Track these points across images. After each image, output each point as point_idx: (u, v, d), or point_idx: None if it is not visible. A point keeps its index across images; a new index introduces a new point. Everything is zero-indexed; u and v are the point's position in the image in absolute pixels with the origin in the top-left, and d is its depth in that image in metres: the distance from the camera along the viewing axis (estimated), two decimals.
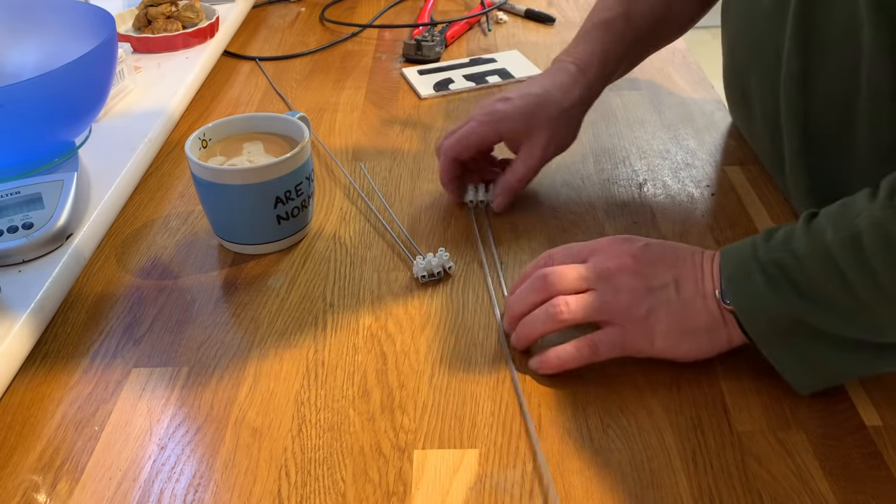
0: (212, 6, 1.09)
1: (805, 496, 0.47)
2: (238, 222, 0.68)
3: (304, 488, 0.49)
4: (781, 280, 0.50)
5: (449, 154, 0.72)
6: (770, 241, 0.52)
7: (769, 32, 0.66)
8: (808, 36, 0.60)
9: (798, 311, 0.50)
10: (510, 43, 1.09)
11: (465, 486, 0.49)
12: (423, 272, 0.65)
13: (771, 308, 0.51)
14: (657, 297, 0.54)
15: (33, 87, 0.66)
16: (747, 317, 0.52)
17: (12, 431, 0.54)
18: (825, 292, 0.49)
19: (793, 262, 0.50)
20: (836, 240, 0.49)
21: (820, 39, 0.59)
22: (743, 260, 0.52)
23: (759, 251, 0.52)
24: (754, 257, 0.52)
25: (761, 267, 0.51)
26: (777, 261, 0.51)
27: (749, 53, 0.72)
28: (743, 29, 0.73)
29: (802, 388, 0.53)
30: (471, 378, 0.56)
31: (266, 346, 0.60)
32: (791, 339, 0.51)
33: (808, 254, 0.50)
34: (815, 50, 0.60)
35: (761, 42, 0.68)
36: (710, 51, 1.07)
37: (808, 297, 0.50)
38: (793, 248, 0.51)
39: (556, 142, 0.72)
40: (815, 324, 0.50)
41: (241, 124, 0.72)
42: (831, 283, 0.49)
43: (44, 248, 0.65)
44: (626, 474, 0.49)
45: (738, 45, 0.74)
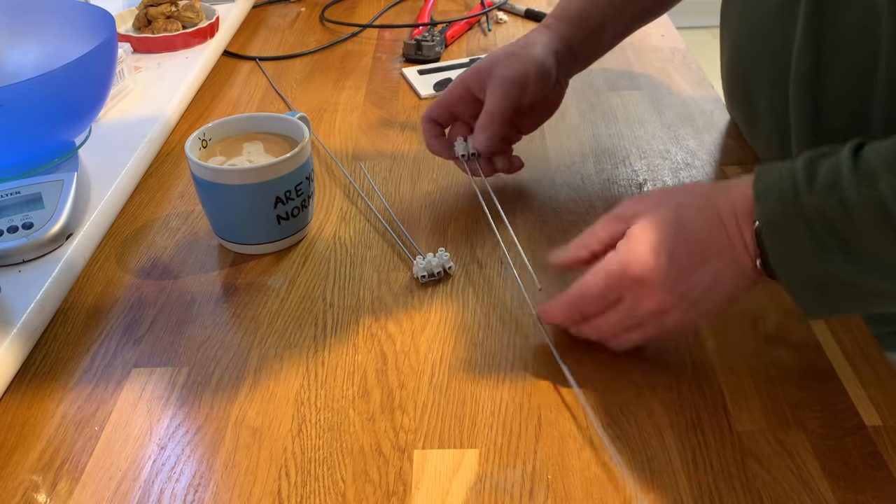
0: (212, 6, 1.09)
1: (805, 496, 0.47)
2: (238, 222, 0.68)
3: (304, 488, 0.49)
4: (828, 237, 0.47)
5: (425, 115, 0.74)
6: (812, 185, 0.47)
7: (777, 29, 0.66)
8: (821, 31, 0.60)
9: (842, 269, 0.47)
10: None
11: (465, 486, 0.49)
12: (423, 272, 0.65)
13: (814, 268, 0.48)
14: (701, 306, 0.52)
15: (33, 87, 0.66)
16: (791, 281, 0.49)
17: (12, 431, 0.54)
18: (878, 250, 0.46)
19: (842, 216, 0.46)
20: (892, 191, 0.45)
21: (833, 35, 0.59)
22: (784, 211, 0.48)
23: (803, 198, 0.47)
24: (797, 207, 0.47)
25: (806, 220, 0.47)
26: (823, 210, 0.46)
27: (755, 51, 0.71)
28: (748, 26, 0.73)
29: (813, 316, 0.55)
30: (471, 378, 0.56)
31: (266, 346, 0.60)
32: (832, 294, 0.49)
33: (859, 206, 0.46)
34: (827, 45, 0.60)
35: (769, 39, 0.68)
36: (710, 51, 1.07)
37: (854, 252, 0.47)
38: (843, 196, 0.46)
39: (520, 81, 0.70)
40: (860, 283, 0.48)
41: (241, 124, 0.72)
42: (886, 240, 0.46)
43: (44, 248, 0.65)
44: (626, 474, 0.49)
45: (743, 43, 0.74)
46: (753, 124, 0.76)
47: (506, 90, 0.70)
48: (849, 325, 0.59)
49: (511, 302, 0.63)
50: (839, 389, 0.54)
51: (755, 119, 0.75)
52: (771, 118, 0.70)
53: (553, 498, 0.48)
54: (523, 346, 0.59)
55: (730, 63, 0.79)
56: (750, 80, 0.73)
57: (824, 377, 0.55)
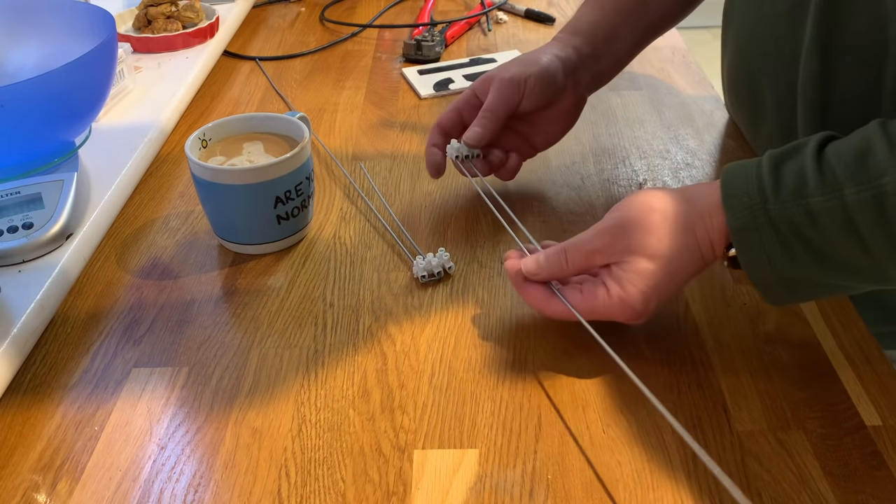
0: (212, 6, 1.09)
1: (805, 496, 0.47)
2: (238, 222, 0.68)
3: (304, 488, 0.49)
4: (794, 240, 0.49)
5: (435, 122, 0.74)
6: (779, 189, 0.50)
7: (785, 31, 0.66)
8: (831, 33, 0.60)
9: (808, 270, 0.50)
10: (510, 43, 1.09)
11: (465, 486, 0.49)
12: (423, 272, 0.65)
13: (780, 266, 0.51)
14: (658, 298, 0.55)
15: (33, 87, 0.66)
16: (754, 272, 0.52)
17: (12, 431, 0.54)
18: (838, 251, 0.49)
19: (807, 221, 0.49)
20: (856, 199, 0.47)
21: (843, 36, 0.59)
22: (752, 213, 0.50)
23: (769, 203, 0.50)
24: (764, 213, 0.50)
25: (772, 224, 0.50)
26: (789, 217, 0.49)
27: (761, 52, 0.71)
28: (755, 27, 0.73)
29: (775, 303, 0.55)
30: (471, 378, 0.56)
31: (266, 346, 0.60)
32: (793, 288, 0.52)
33: (823, 212, 0.48)
34: (837, 47, 0.60)
35: (776, 41, 0.68)
36: (710, 51, 1.07)
37: (821, 255, 0.49)
38: (807, 203, 0.49)
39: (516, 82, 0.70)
40: (821, 279, 0.51)
41: (241, 124, 0.72)
42: (847, 244, 0.48)
43: (44, 248, 0.65)
44: (625, 474, 0.49)
45: (748, 44, 0.74)
46: (757, 125, 0.76)
47: (502, 90, 0.70)
48: (849, 324, 0.59)
49: (512, 301, 0.63)
50: (839, 389, 0.54)
51: (760, 120, 0.74)
52: (777, 119, 0.70)
53: (553, 498, 0.48)
54: (523, 345, 0.59)
55: (733, 64, 0.79)
56: (755, 81, 0.73)
57: (824, 377, 0.55)
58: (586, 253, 0.56)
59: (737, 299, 0.62)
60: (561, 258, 0.57)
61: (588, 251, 0.56)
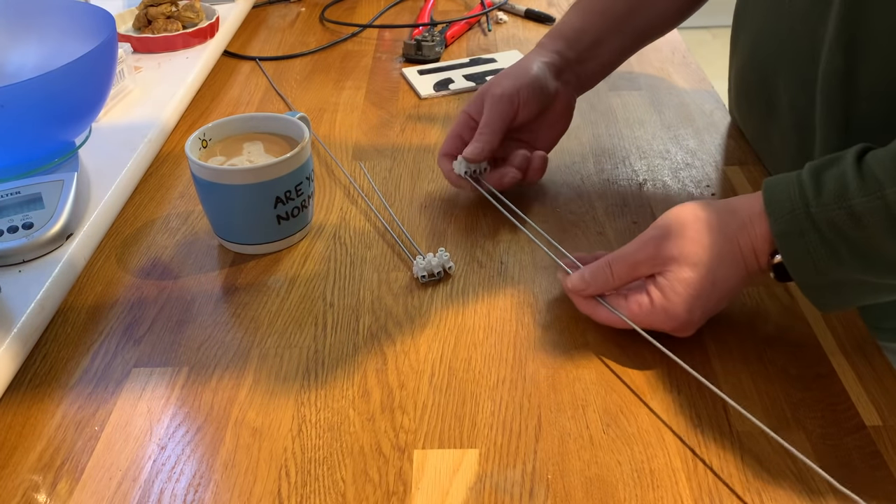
0: (212, 6, 1.09)
1: (805, 496, 0.47)
2: (238, 222, 0.68)
3: (304, 488, 0.49)
4: (838, 243, 0.50)
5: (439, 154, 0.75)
6: (821, 193, 0.51)
7: (805, 28, 0.65)
8: (855, 30, 0.60)
9: (855, 271, 0.51)
10: (510, 43, 1.09)
11: (465, 486, 0.49)
12: (424, 272, 0.65)
13: (824, 269, 0.51)
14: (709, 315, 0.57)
15: (33, 87, 0.66)
16: (803, 282, 0.53)
17: (12, 431, 0.54)
18: (883, 250, 0.50)
19: (851, 222, 0.50)
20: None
21: (868, 33, 0.59)
22: (795, 217, 0.51)
23: (812, 206, 0.51)
24: (806, 214, 0.51)
25: (816, 228, 0.51)
26: (832, 220, 0.50)
27: (777, 50, 0.71)
28: (770, 26, 0.72)
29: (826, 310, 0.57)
30: (471, 378, 0.56)
31: (266, 346, 0.60)
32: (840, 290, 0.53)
33: (867, 211, 0.49)
34: (861, 44, 0.60)
35: (795, 38, 0.67)
36: (710, 51, 1.07)
37: (865, 256, 0.50)
38: (850, 204, 0.49)
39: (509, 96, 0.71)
40: (867, 279, 0.51)
41: (241, 124, 0.72)
42: (891, 241, 0.49)
43: (44, 248, 0.65)
44: (625, 474, 0.49)
45: (764, 43, 0.73)
46: (769, 125, 0.75)
47: (496, 106, 0.72)
48: (849, 324, 0.59)
49: (511, 301, 0.63)
50: (839, 389, 0.54)
51: (772, 120, 0.74)
52: (792, 117, 0.70)
53: (553, 498, 0.48)
54: (523, 346, 0.59)
55: (745, 63, 0.78)
56: (769, 80, 0.73)
57: (824, 377, 0.55)
58: (631, 265, 0.57)
59: (737, 299, 0.62)
60: (606, 272, 0.58)
61: (633, 263, 0.57)
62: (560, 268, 0.62)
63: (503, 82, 0.72)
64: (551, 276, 0.65)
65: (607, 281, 0.58)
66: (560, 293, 0.63)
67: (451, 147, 0.74)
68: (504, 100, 0.71)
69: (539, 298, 0.63)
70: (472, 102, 0.74)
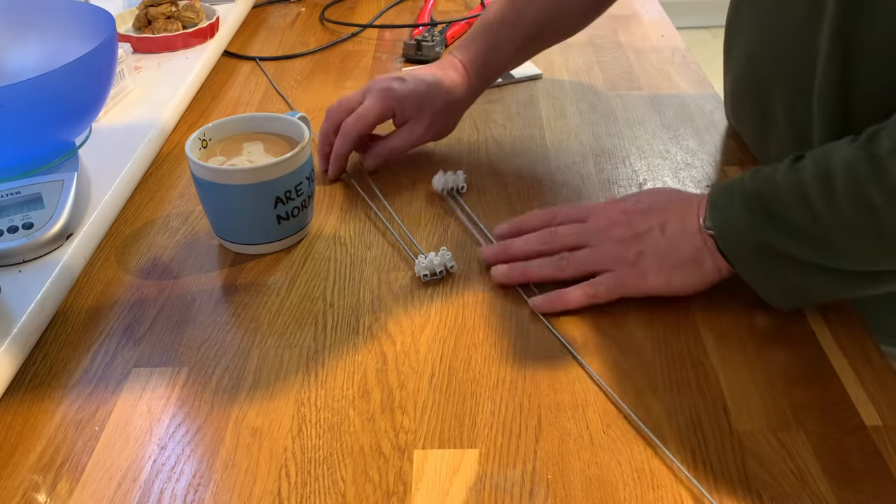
0: (212, 6, 1.09)
1: (805, 496, 0.47)
2: (238, 222, 0.68)
3: (304, 488, 0.49)
4: (757, 207, 0.56)
5: (353, 133, 0.77)
6: (757, 174, 0.58)
7: (799, 38, 0.65)
8: (849, 39, 0.60)
9: (769, 236, 0.55)
10: None
11: (465, 486, 0.49)
12: (426, 271, 0.65)
13: (745, 230, 0.56)
14: (644, 241, 0.61)
15: (33, 87, 0.66)
16: (723, 237, 0.57)
17: (12, 431, 0.54)
18: (795, 221, 0.54)
19: (770, 192, 0.56)
20: (811, 176, 0.54)
21: (863, 42, 0.59)
22: (729, 189, 0.58)
23: (746, 183, 0.57)
24: (740, 188, 0.57)
25: (743, 195, 0.57)
26: (757, 190, 0.56)
27: (772, 60, 0.71)
28: (764, 35, 0.72)
29: (775, 303, 0.59)
30: (471, 378, 0.56)
31: (266, 346, 0.60)
32: (763, 261, 0.57)
33: (784, 185, 0.55)
34: (856, 54, 0.60)
35: (790, 47, 0.67)
36: (710, 51, 1.08)
37: (780, 224, 0.55)
38: (774, 181, 0.56)
39: (435, 129, 0.80)
40: (784, 249, 0.55)
41: (241, 124, 0.72)
42: (801, 214, 0.54)
43: (44, 248, 0.65)
44: (625, 474, 0.49)
45: (758, 53, 0.73)
46: (766, 135, 0.75)
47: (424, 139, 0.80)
48: (849, 324, 0.59)
49: (511, 302, 0.63)
50: (839, 389, 0.54)
51: (769, 129, 0.74)
52: (789, 127, 0.70)
53: (553, 498, 0.48)
54: (523, 346, 0.59)
55: (740, 74, 0.78)
56: (766, 90, 0.73)
57: (824, 377, 0.55)
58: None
59: (737, 299, 0.62)
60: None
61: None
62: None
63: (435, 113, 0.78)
64: None
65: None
66: None
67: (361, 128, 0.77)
68: (427, 135, 0.79)
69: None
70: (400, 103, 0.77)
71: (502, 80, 0.97)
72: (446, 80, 0.78)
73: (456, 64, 0.80)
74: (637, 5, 1.19)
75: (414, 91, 0.77)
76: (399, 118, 0.78)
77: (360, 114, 0.77)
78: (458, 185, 0.75)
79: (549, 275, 0.63)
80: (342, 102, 0.79)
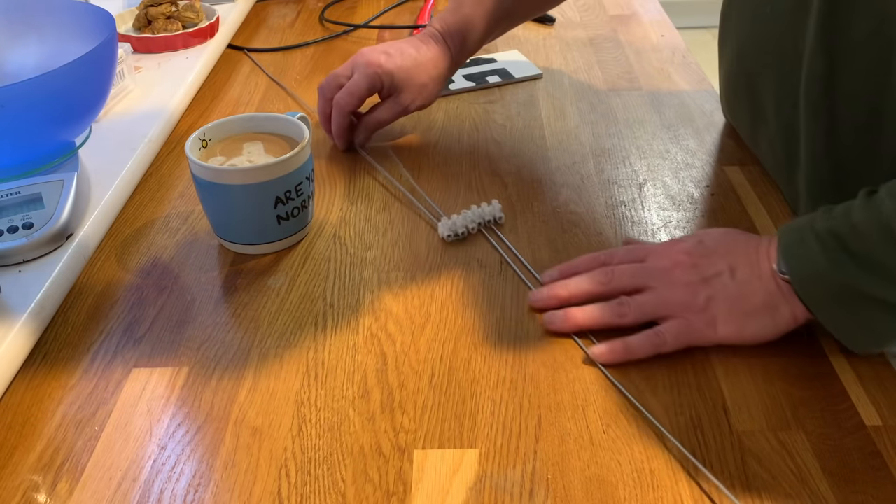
0: (212, 6, 1.09)
1: (805, 496, 0.47)
2: (238, 222, 0.68)
3: (304, 488, 0.49)
4: (836, 248, 0.52)
5: (346, 108, 0.80)
6: (828, 214, 0.53)
7: (787, 34, 0.66)
8: (835, 35, 0.60)
9: (853, 278, 0.51)
10: (510, 43, 1.09)
11: (465, 486, 0.49)
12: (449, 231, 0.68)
13: (824, 273, 0.52)
14: (713, 286, 0.56)
15: (33, 87, 0.66)
16: (800, 281, 0.53)
17: (12, 431, 0.54)
18: (880, 260, 0.50)
19: (849, 231, 0.51)
20: (893, 209, 0.50)
21: (847, 38, 0.59)
22: (799, 230, 0.54)
23: (817, 223, 0.53)
24: (811, 228, 0.53)
25: (816, 236, 0.53)
26: (832, 229, 0.52)
27: (761, 53, 0.71)
28: (754, 29, 0.73)
29: (858, 348, 0.55)
30: (471, 378, 0.56)
31: (266, 346, 0.60)
32: (846, 305, 0.53)
33: (863, 222, 0.51)
34: (841, 49, 0.60)
35: (778, 41, 0.68)
36: (710, 51, 1.07)
37: (863, 264, 0.51)
38: (850, 218, 0.52)
39: (419, 101, 0.82)
40: (868, 290, 0.51)
41: (241, 124, 0.72)
42: (889, 251, 0.50)
43: (44, 248, 0.65)
44: (625, 474, 0.49)
45: (748, 46, 0.74)
46: (757, 129, 0.76)
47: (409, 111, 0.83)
48: None
49: (511, 302, 0.63)
50: (839, 389, 0.54)
51: (759, 123, 0.74)
52: (778, 122, 0.70)
53: (553, 498, 0.48)
54: (524, 346, 0.59)
55: (732, 69, 0.79)
56: (755, 83, 0.73)
57: (824, 377, 0.55)
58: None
59: None
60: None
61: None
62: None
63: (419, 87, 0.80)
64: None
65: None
66: None
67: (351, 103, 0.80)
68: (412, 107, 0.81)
69: None
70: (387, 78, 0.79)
71: (502, 80, 0.97)
72: (430, 55, 0.81)
73: (437, 37, 0.82)
74: (637, 5, 1.19)
75: (400, 67, 0.79)
76: (386, 92, 0.80)
77: (350, 90, 0.79)
78: (494, 216, 0.70)
79: (609, 321, 0.58)
80: (331, 79, 0.81)
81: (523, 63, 1.02)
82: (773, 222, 0.71)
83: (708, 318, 0.56)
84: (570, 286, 0.61)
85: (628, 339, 0.57)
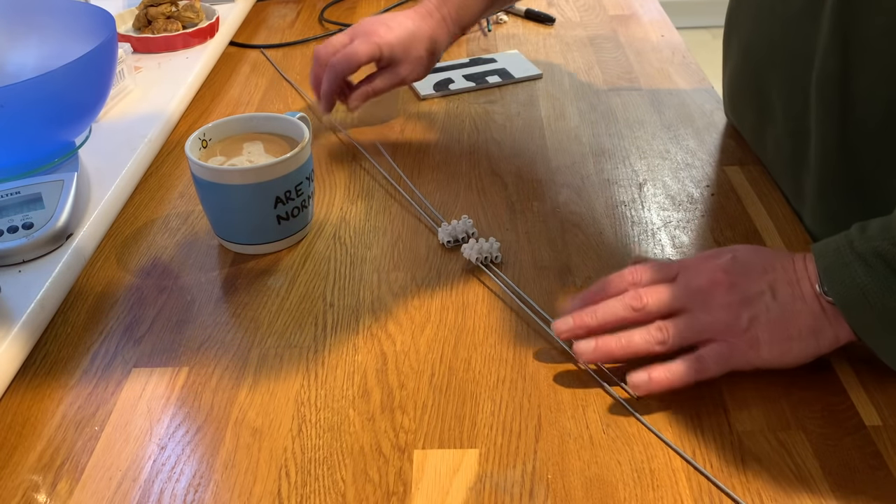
0: (212, 6, 1.09)
1: (805, 496, 0.47)
2: (238, 222, 0.68)
3: (304, 488, 0.49)
4: (883, 268, 0.49)
5: (340, 73, 0.79)
6: (865, 232, 0.51)
7: (797, 32, 0.65)
8: (849, 32, 0.60)
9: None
10: (510, 43, 1.09)
11: (465, 486, 0.49)
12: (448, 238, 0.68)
13: (872, 295, 0.49)
14: (755, 307, 0.53)
15: (33, 87, 0.66)
16: (846, 304, 0.50)
17: (12, 431, 0.54)
18: None
19: (893, 250, 0.48)
20: None
21: (861, 35, 0.59)
22: (839, 251, 0.51)
23: (856, 242, 0.50)
24: (850, 248, 0.50)
25: (859, 257, 0.50)
26: (876, 250, 0.49)
27: (770, 53, 0.71)
28: (763, 28, 0.72)
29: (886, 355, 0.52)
30: (471, 378, 0.56)
31: (266, 346, 0.60)
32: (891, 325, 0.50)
33: None
34: (855, 47, 0.59)
35: (787, 42, 0.67)
36: (710, 51, 1.08)
37: None
38: (892, 235, 0.49)
39: (416, 73, 0.82)
40: None
41: (241, 124, 0.72)
42: None
43: (44, 248, 0.65)
44: (625, 474, 0.49)
45: (757, 46, 0.73)
46: (763, 127, 0.75)
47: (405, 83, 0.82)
48: None
49: (511, 302, 0.63)
50: (839, 389, 0.54)
51: (766, 123, 0.74)
52: (787, 122, 0.70)
53: (553, 498, 0.48)
54: (524, 346, 0.59)
55: (738, 67, 0.78)
56: (762, 84, 0.73)
57: (824, 377, 0.55)
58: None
59: None
60: None
61: None
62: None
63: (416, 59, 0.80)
64: (551, 276, 0.65)
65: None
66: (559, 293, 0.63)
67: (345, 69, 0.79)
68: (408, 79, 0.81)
69: (539, 298, 0.63)
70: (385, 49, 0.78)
71: (502, 80, 0.97)
72: (428, 28, 0.81)
73: (433, 12, 0.82)
74: (637, 5, 1.19)
75: (399, 38, 0.79)
76: (383, 61, 0.80)
77: (348, 55, 0.78)
78: (492, 254, 0.66)
79: (647, 350, 0.54)
80: (328, 45, 0.80)
81: (523, 63, 1.02)
82: (774, 222, 0.71)
83: (751, 341, 0.52)
84: (599, 313, 0.55)
85: (669, 366, 0.53)
